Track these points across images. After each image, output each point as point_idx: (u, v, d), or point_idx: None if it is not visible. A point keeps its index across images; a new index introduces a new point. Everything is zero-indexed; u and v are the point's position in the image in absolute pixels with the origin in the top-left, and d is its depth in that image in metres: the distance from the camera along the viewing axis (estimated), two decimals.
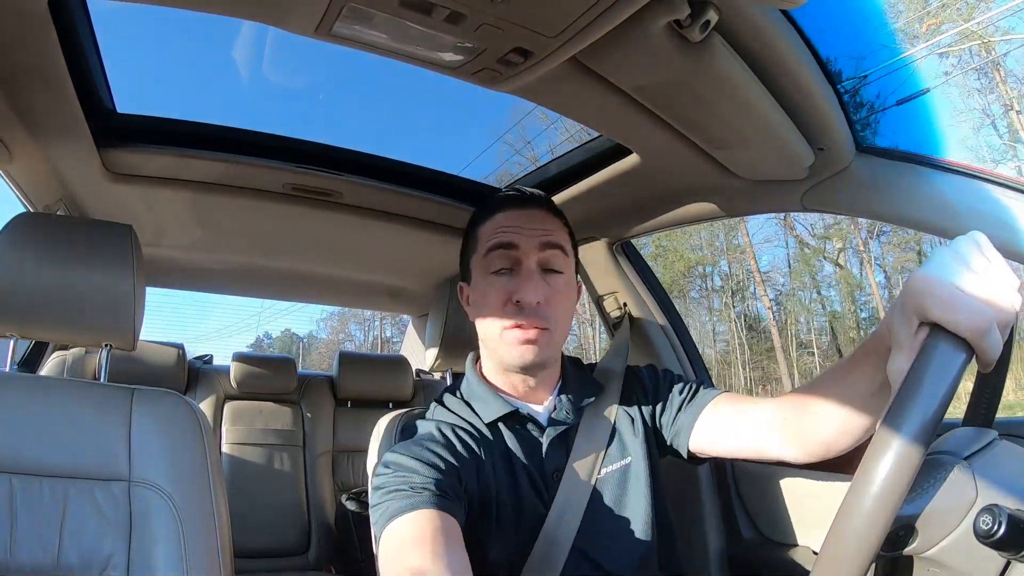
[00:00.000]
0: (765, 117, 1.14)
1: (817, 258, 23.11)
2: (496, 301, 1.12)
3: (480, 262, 1.16)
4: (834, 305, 24.41)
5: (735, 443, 1.14)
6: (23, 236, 1.20)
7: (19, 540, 1.05)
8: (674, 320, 1.96)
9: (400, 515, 0.90)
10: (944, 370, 0.62)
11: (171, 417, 1.17)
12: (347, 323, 30.31)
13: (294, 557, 2.75)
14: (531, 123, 16.75)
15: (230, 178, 1.73)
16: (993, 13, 14.57)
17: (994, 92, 18.49)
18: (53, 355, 2.57)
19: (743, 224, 23.10)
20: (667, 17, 0.90)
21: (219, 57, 6.94)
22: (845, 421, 0.95)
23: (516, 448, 1.14)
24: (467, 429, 1.13)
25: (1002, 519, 0.68)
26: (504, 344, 1.12)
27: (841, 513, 0.62)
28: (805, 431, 1.02)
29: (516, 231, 1.14)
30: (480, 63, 1.06)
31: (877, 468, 0.60)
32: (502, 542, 1.08)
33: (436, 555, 0.83)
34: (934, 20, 14.84)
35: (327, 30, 0.98)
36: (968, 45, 15.52)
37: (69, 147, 1.47)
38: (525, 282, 1.10)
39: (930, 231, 1.23)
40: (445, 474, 0.99)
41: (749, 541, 1.70)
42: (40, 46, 1.09)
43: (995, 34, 15.73)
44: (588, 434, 1.18)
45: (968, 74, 17.94)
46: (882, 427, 0.61)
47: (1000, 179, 1.13)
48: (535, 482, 1.12)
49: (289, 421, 2.94)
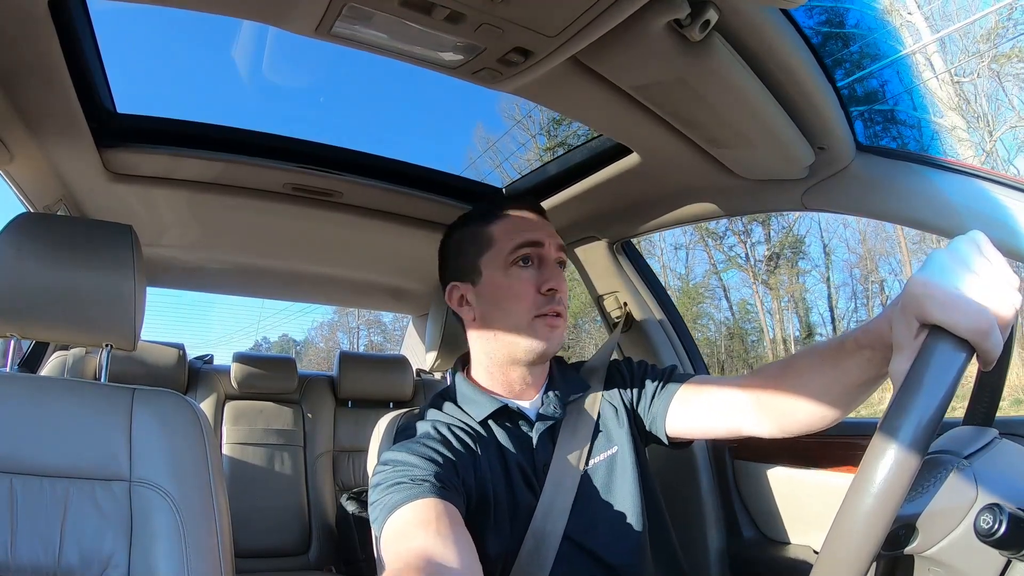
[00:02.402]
0: (765, 116, 1.14)
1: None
2: (527, 290, 1.16)
3: (498, 258, 1.18)
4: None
5: (710, 422, 1.17)
6: (23, 236, 1.20)
7: (20, 540, 1.05)
8: (674, 319, 1.96)
9: (402, 505, 0.91)
10: (944, 370, 0.62)
11: (172, 417, 1.17)
12: (335, 331, 30.90)
13: (294, 557, 2.75)
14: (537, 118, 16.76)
15: (230, 178, 1.73)
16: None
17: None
18: (53, 355, 2.57)
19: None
20: (667, 16, 0.90)
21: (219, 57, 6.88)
22: (829, 405, 0.97)
23: (508, 444, 1.16)
24: (461, 427, 1.16)
25: (1003, 518, 0.68)
26: (534, 331, 1.16)
27: (841, 512, 0.61)
28: (782, 409, 1.04)
29: (539, 228, 1.20)
30: (480, 63, 1.06)
31: (877, 468, 0.60)
32: (499, 537, 1.09)
33: (441, 535, 0.84)
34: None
35: (327, 30, 0.98)
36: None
37: (69, 147, 1.47)
38: (553, 272, 1.17)
39: (930, 230, 1.24)
40: (444, 468, 1.01)
41: (750, 540, 1.70)
42: (40, 46, 1.09)
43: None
44: (574, 427, 1.21)
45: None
46: (882, 427, 0.61)
47: (1000, 178, 1.13)
48: (527, 476, 1.15)
49: (290, 421, 2.94)
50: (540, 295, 1.16)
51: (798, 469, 1.58)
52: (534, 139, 16.53)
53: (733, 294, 20.59)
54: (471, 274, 1.21)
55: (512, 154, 15.27)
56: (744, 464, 1.73)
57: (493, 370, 1.21)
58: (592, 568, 1.12)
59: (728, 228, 19.60)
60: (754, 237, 19.91)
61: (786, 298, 19.50)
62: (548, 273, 1.17)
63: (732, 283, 20.80)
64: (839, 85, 1.15)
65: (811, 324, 19.45)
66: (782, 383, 1.03)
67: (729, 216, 1.63)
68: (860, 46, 10.19)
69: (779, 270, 19.84)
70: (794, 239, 19.64)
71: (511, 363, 1.20)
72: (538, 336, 1.16)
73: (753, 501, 1.71)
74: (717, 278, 20.55)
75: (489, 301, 1.19)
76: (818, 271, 19.76)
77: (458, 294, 1.24)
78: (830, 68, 1.10)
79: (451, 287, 1.25)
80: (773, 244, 19.78)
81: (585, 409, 1.24)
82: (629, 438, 1.22)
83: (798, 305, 19.59)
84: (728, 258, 20.41)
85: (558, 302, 1.16)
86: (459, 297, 1.24)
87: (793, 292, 19.56)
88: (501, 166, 15.04)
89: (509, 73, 1.08)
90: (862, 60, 10.05)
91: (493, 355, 1.21)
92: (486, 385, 1.22)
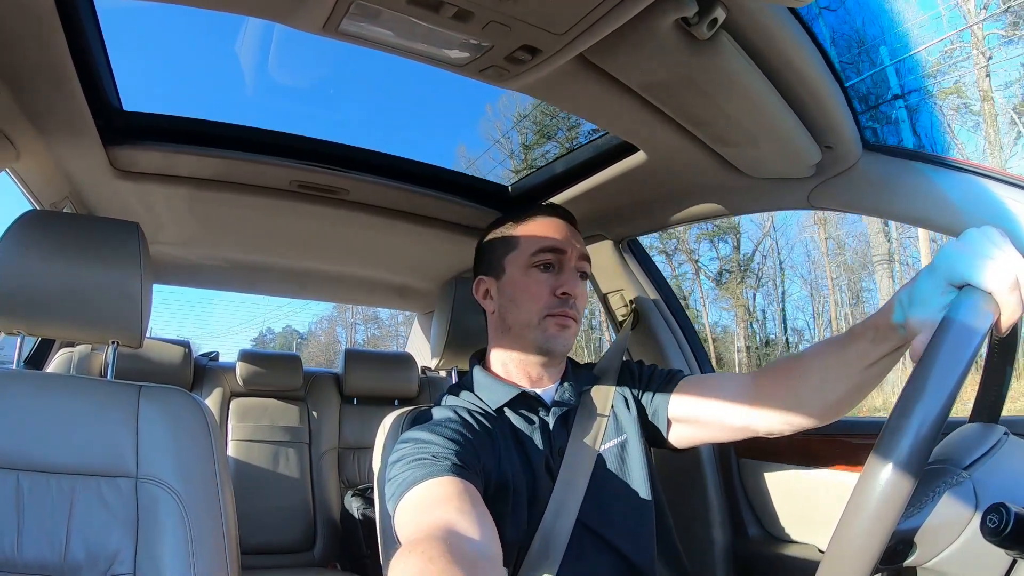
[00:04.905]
0: (772, 115, 1.14)
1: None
2: (542, 291, 1.21)
3: (521, 259, 1.24)
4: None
5: (716, 415, 1.19)
6: (30, 234, 1.20)
7: (26, 536, 1.05)
8: (680, 318, 1.95)
9: (422, 481, 0.93)
10: (972, 324, 0.66)
11: (178, 414, 1.17)
12: (334, 325, 31.27)
13: (299, 554, 2.76)
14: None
15: (236, 175, 1.73)
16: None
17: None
18: (59, 352, 2.57)
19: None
20: (675, 15, 0.90)
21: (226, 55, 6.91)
22: (835, 390, 1.01)
23: (524, 429, 1.20)
24: (479, 412, 1.19)
25: (1010, 518, 0.68)
26: (544, 329, 1.21)
27: (866, 474, 0.64)
28: (790, 399, 1.07)
29: (563, 237, 1.24)
30: (487, 60, 1.06)
31: (905, 423, 0.62)
32: (516, 522, 1.11)
33: (461, 511, 0.85)
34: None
35: (334, 27, 0.98)
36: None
37: (76, 145, 1.47)
38: (570, 278, 1.22)
39: (937, 229, 1.23)
40: (464, 448, 1.04)
41: (754, 538, 1.70)
42: (47, 44, 1.09)
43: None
44: (587, 413, 1.25)
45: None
46: (911, 379, 0.64)
47: (1009, 177, 1.13)
48: (544, 460, 1.17)
49: (295, 418, 2.94)
50: (554, 297, 1.21)
51: (804, 468, 1.58)
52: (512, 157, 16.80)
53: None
54: (496, 270, 1.28)
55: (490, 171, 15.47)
56: (749, 462, 1.73)
57: (509, 362, 1.26)
58: (603, 554, 1.14)
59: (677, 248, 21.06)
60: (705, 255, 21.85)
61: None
62: (565, 278, 1.22)
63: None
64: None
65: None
66: (790, 372, 1.08)
67: (735, 215, 1.63)
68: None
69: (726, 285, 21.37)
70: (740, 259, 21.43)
71: (525, 357, 1.24)
72: (547, 334, 1.20)
73: (758, 499, 1.71)
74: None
75: (507, 296, 1.25)
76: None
77: (483, 287, 1.31)
78: (837, 67, 1.10)
79: (479, 280, 1.32)
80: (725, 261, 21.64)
81: (598, 399, 1.28)
82: (638, 430, 1.25)
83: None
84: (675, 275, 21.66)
85: (571, 306, 1.21)
86: (484, 290, 1.31)
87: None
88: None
89: (516, 71, 1.08)
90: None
91: (509, 348, 1.25)
92: (503, 375, 1.26)
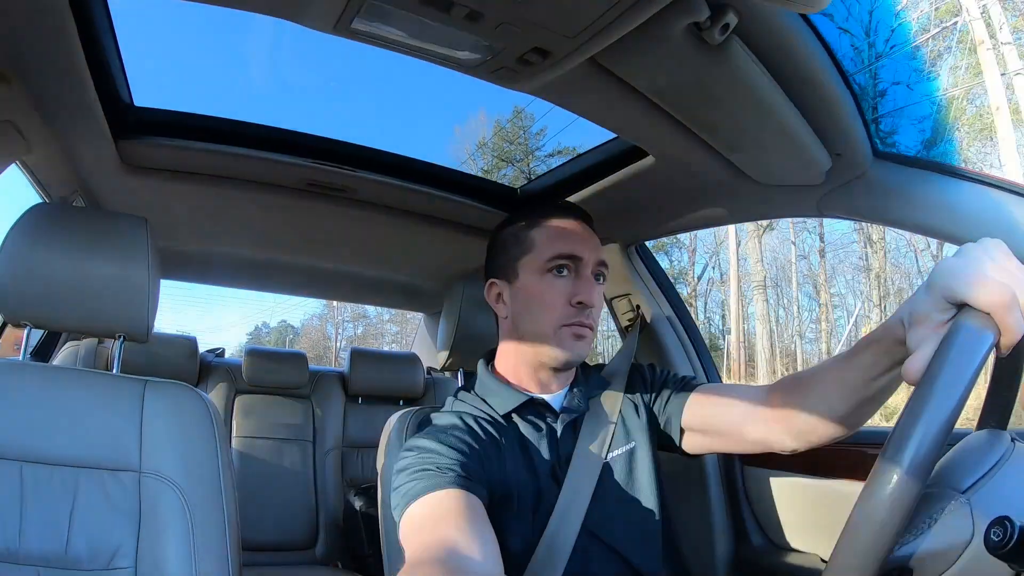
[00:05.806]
0: (782, 121, 1.13)
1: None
2: (557, 300, 1.17)
3: (535, 263, 1.20)
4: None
5: (729, 424, 1.18)
6: (39, 226, 1.21)
7: (28, 528, 1.05)
8: (687, 323, 1.95)
9: (426, 493, 0.93)
10: (970, 348, 0.65)
11: (183, 409, 1.17)
12: (324, 323, 31.68)
13: (301, 551, 2.76)
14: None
15: (245, 173, 1.74)
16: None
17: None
18: (66, 345, 2.59)
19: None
20: (687, 19, 0.90)
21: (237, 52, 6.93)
22: (845, 405, 1.00)
23: (531, 436, 1.18)
24: (485, 419, 1.17)
25: (1014, 531, 0.67)
26: (558, 340, 1.17)
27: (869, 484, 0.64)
28: (800, 415, 1.06)
29: (580, 242, 1.20)
30: (498, 62, 1.05)
31: (903, 448, 0.62)
32: (521, 530, 1.10)
33: (463, 529, 0.85)
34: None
35: (346, 26, 0.98)
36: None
37: (86, 139, 1.48)
38: (587, 285, 1.17)
39: (946, 239, 1.23)
40: (469, 458, 1.03)
41: (758, 547, 1.69)
42: (59, 38, 1.09)
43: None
44: (595, 420, 1.23)
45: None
46: (909, 405, 0.64)
47: (1019, 188, 1.12)
48: (550, 467, 1.16)
49: (299, 416, 2.94)
50: (570, 306, 1.17)
51: (808, 477, 1.57)
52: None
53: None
54: (509, 273, 1.23)
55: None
56: (754, 471, 1.73)
57: (520, 367, 1.23)
58: (609, 562, 1.13)
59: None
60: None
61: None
62: (582, 286, 1.17)
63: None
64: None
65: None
66: (799, 387, 1.07)
67: (744, 220, 1.63)
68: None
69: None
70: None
71: (537, 365, 1.21)
72: (563, 345, 1.17)
73: (762, 508, 1.70)
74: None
75: (521, 303, 1.21)
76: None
77: (496, 291, 1.26)
78: (848, 74, 1.10)
79: (490, 283, 1.27)
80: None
81: (607, 405, 1.26)
82: (647, 437, 1.23)
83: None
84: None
85: (587, 316, 1.18)
86: (496, 294, 1.26)
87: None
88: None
89: (527, 73, 1.08)
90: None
91: (521, 355, 1.22)
92: (512, 380, 1.24)
